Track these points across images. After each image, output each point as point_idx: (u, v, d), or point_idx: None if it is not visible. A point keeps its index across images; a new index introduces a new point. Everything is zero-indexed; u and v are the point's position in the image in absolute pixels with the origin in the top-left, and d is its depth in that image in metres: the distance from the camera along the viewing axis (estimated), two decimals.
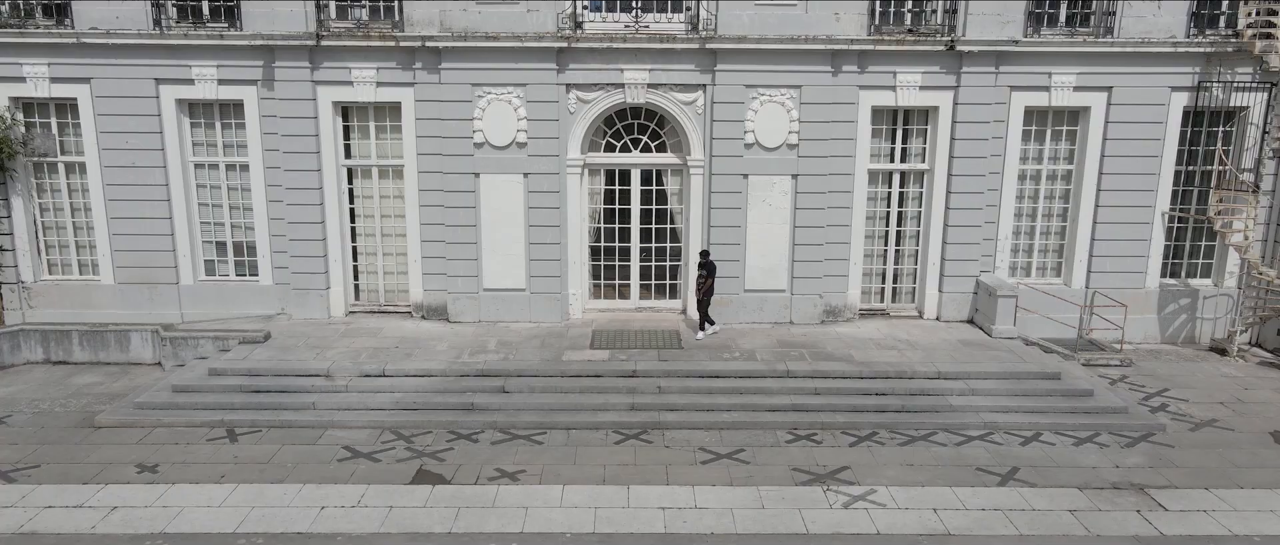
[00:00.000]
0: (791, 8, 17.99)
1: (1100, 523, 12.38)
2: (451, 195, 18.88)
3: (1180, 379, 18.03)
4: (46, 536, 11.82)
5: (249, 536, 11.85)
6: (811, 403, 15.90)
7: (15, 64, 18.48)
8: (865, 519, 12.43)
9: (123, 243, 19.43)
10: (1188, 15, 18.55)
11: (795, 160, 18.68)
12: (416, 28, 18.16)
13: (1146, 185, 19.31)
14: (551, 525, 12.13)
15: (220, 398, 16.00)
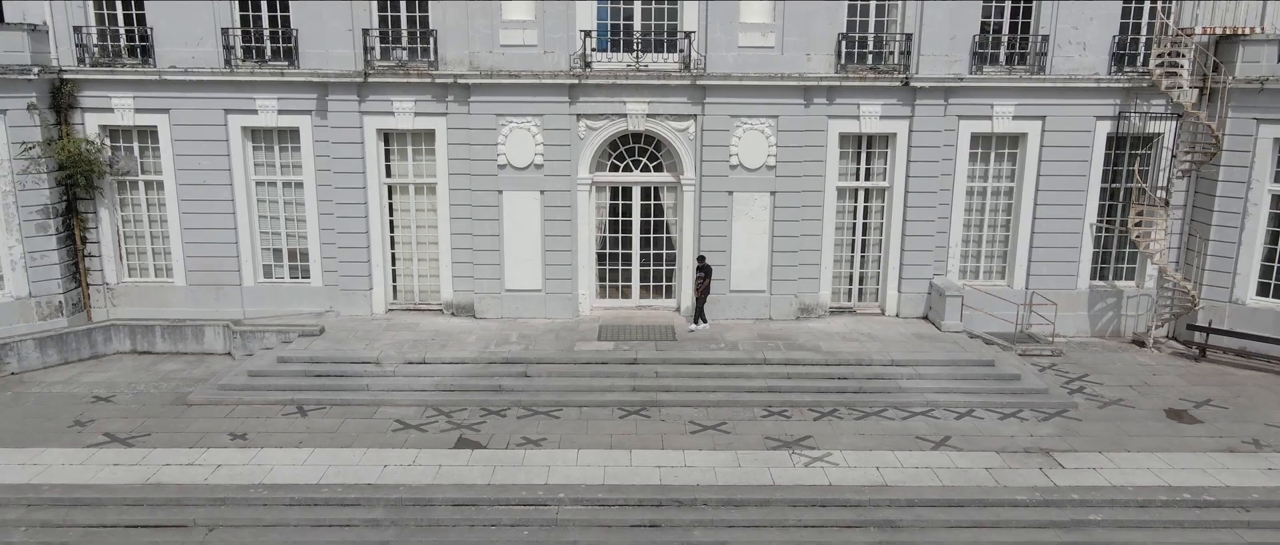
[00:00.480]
0: (769, 50, 21.10)
1: (1008, 477, 15.50)
2: (478, 209, 21.97)
3: (1100, 367, 21.14)
4: (169, 486, 14.93)
5: (330, 487, 14.96)
6: (784, 385, 19.02)
7: (105, 97, 21.57)
8: (821, 475, 15.54)
9: (193, 250, 22.53)
10: (1109, 55, 21.68)
11: (774, 179, 21.79)
12: (449, 67, 21.27)
13: (1076, 200, 22.43)
14: (569, 479, 15.25)
15: (289, 381, 19.12)
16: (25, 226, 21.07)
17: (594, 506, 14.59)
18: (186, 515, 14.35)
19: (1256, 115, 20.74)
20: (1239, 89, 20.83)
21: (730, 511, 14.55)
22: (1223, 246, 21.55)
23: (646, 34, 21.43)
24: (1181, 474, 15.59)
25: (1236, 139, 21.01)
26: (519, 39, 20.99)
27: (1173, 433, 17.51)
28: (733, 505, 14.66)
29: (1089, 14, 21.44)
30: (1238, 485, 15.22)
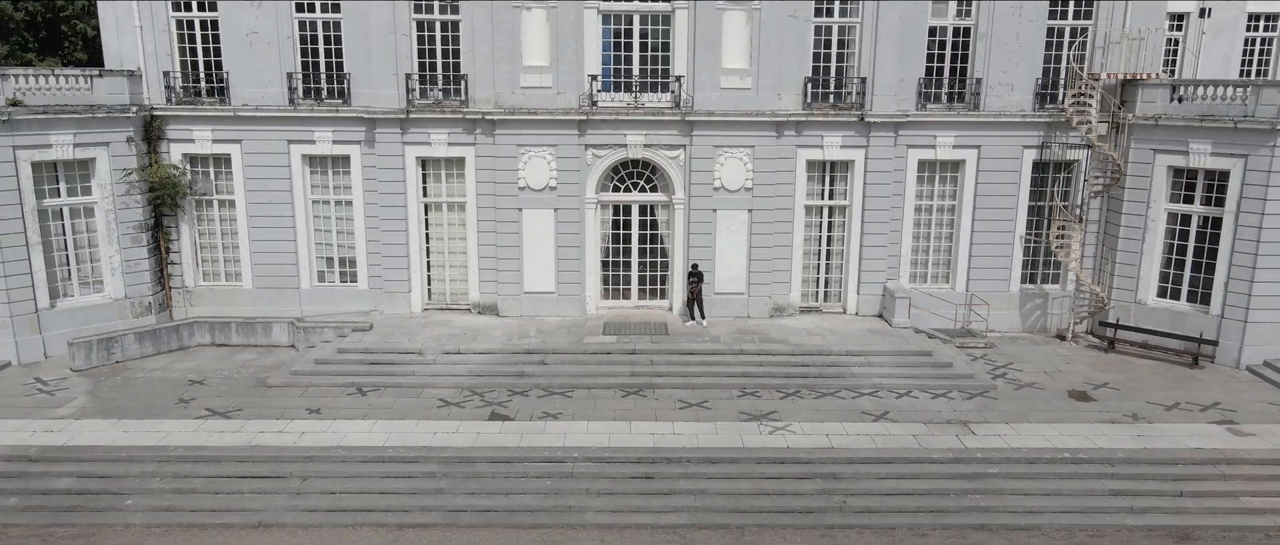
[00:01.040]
0: (747, 91, 25.16)
1: (929, 441, 19.56)
2: (501, 224, 26.01)
3: (1024, 357, 25.18)
4: (267, 448, 18.98)
5: (393, 448, 19.01)
6: (757, 371, 23.08)
7: (187, 130, 25.63)
8: (782, 440, 19.59)
9: (259, 257, 26.58)
10: (1033, 95, 25.76)
11: (751, 199, 25.84)
12: (478, 105, 25.33)
13: (1008, 217, 26.49)
14: (581, 443, 19.29)
15: (348, 367, 23.18)
16: (122, 239, 25.11)
17: (601, 463, 18.64)
18: (283, 470, 18.41)
19: (1154, 146, 24.79)
20: (1139, 124, 24.89)
21: (708, 467, 18.61)
22: (1128, 256, 25.61)
23: (643, 78, 25.49)
24: (1067, 439, 19.65)
25: (1138, 166, 25.07)
26: (536, 82, 25.06)
27: (1070, 409, 21.56)
28: (710, 462, 18.72)
29: (1016, 60, 25.52)
30: (1108, 447, 19.28)
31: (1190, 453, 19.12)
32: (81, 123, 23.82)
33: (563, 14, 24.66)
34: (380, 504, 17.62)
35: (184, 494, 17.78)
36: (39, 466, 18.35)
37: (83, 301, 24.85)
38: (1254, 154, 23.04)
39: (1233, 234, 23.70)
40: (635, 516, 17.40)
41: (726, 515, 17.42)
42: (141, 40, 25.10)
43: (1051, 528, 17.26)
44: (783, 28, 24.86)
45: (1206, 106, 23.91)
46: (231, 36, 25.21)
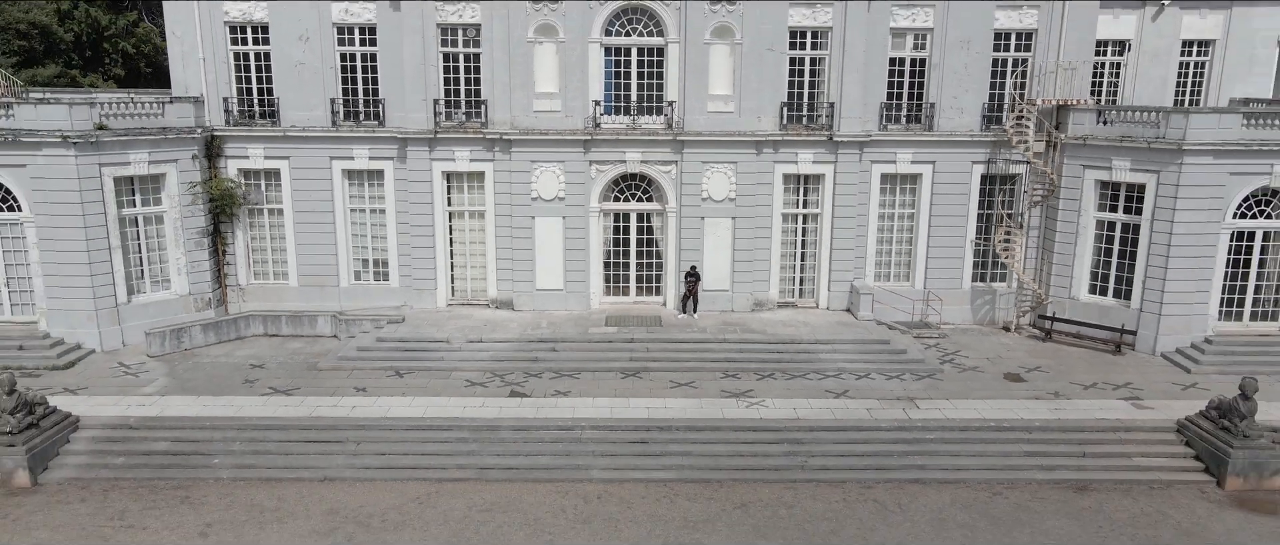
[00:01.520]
0: (730, 114, 28.93)
1: (880, 414, 23.30)
2: (516, 229, 29.77)
3: (971, 345, 28.94)
4: (326, 418, 22.72)
5: (431, 419, 22.75)
6: (737, 356, 26.83)
7: (243, 148, 29.40)
8: (756, 413, 23.34)
9: (304, 259, 30.34)
10: (980, 117, 29.54)
11: (734, 208, 29.60)
12: (496, 127, 29.09)
13: (959, 223, 30.26)
14: (588, 414, 23.03)
15: (386, 353, 26.94)
16: (187, 243, 28.89)
17: (604, 430, 22.39)
18: (340, 435, 22.17)
19: (1083, 163, 28.57)
20: (1070, 144, 28.68)
21: (693, 434, 22.36)
22: (1063, 258, 29.38)
23: (640, 102, 29.26)
24: (996, 412, 23.40)
25: (1070, 180, 28.86)
26: (547, 106, 28.84)
27: (1004, 388, 25.32)
28: (695, 430, 22.48)
29: (965, 87, 29.30)
30: (1029, 418, 23.04)
31: (1096, 422, 22.89)
32: (155, 143, 27.59)
33: (570, 48, 28.44)
34: (422, 462, 21.39)
35: (260, 455, 21.55)
36: (139, 433, 22.11)
37: (154, 297, 28.61)
38: (1165, 170, 26.81)
39: (1149, 238, 27.47)
40: (632, 473, 21.16)
41: (708, 472, 21.19)
42: (204, 71, 28.88)
43: (974, 481, 21.04)
44: (761, 59, 28.64)
45: (1126, 129, 27.69)
46: (282, 67, 29.00)
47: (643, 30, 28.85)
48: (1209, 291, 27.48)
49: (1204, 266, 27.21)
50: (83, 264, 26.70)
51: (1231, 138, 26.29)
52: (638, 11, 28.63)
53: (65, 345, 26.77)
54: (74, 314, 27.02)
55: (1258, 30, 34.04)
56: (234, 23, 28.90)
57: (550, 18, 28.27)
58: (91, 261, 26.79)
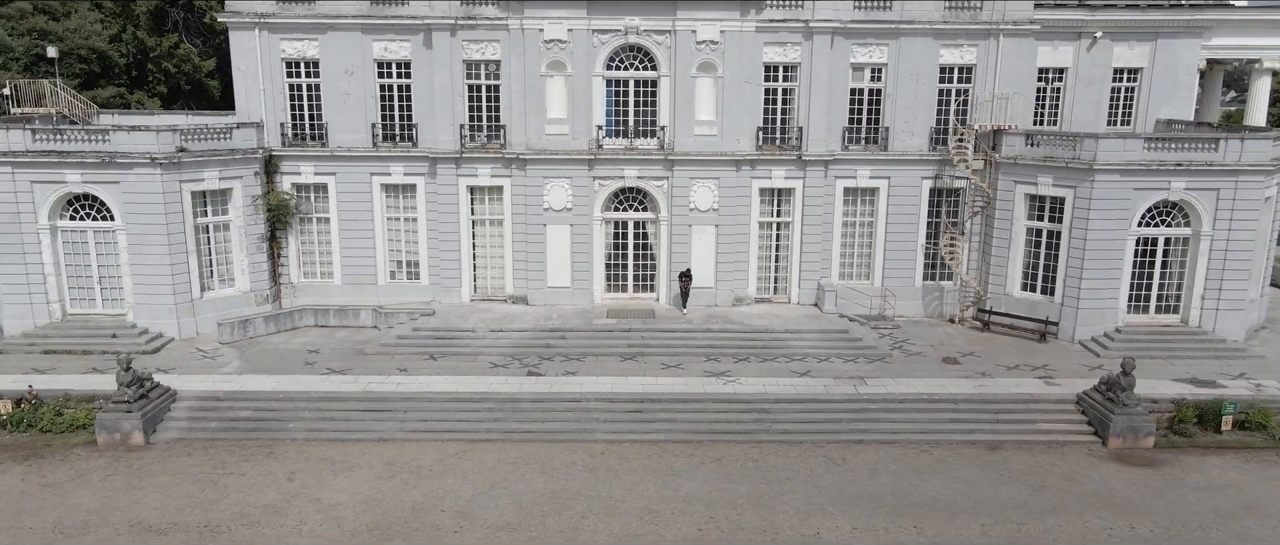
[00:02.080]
0: (713, 136, 33.83)
1: (834, 390, 28.21)
2: (530, 235, 34.65)
3: (919, 335, 33.84)
4: (377, 393, 27.64)
5: (464, 393, 27.67)
6: (719, 343, 31.75)
7: (296, 166, 34.31)
8: (732, 389, 28.26)
9: (347, 260, 35.24)
10: (928, 139, 34.46)
11: (717, 217, 34.49)
12: (513, 148, 33.99)
13: (911, 230, 35.17)
14: (592, 390, 27.94)
15: (421, 341, 31.85)
16: (249, 247, 33.80)
17: (606, 402, 27.30)
18: (391, 406, 27.09)
19: (1014, 179, 33.48)
20: (1004, 163, 33.60)
21: (679, 404, 27.28)
22: (999, 259, 34.29)
23: (637, 127, 34.19)
24: (930, 388, 28.30)
25: (1004, 193, 33.77)
26: (557, 130, 33.76)
27: (941, 369, 30.24)
28: (681, 401, 27.40)
29: (915, 114, 34.23)
30: (956, 393, 27.97)
31: (1011, 396, 27.83)
32: (224, 162, 32.50)
33: (576, 81, 33.37)
34: (458, 427, 26.32)
35: (326, 421, 26.48)
36: (225, 403, 27.05)
37: (221, 293, 33.52)
38: (1080, 185, 31.73)
39: (1068, 243, 32.39)
40: (629, 435, 26.09)
41: (691, 435, 26.12)
42: (264, 100, 33.80)
43: (906, 442, 25.97)
44: (740, 90, 33.57)
45: (1049, 151, 32.61)
46: (330, 96, 33.93)
47: (638, 65, 33.77)
48: (1119, 288, 32.40)
49: (1114, 267, 32.14)
50: (165, 265, 31.61)
51: (1135, 159, 31.22)
52: (634, 49, 33.54)
53: (150, 334, 31.67)
54: (157, 307, 31.93)
55: (1180, 59, 38.85)
56: (290, 59, 33.81)
57: (560, 55, 33.20)
58: (172, 262, 31.68)
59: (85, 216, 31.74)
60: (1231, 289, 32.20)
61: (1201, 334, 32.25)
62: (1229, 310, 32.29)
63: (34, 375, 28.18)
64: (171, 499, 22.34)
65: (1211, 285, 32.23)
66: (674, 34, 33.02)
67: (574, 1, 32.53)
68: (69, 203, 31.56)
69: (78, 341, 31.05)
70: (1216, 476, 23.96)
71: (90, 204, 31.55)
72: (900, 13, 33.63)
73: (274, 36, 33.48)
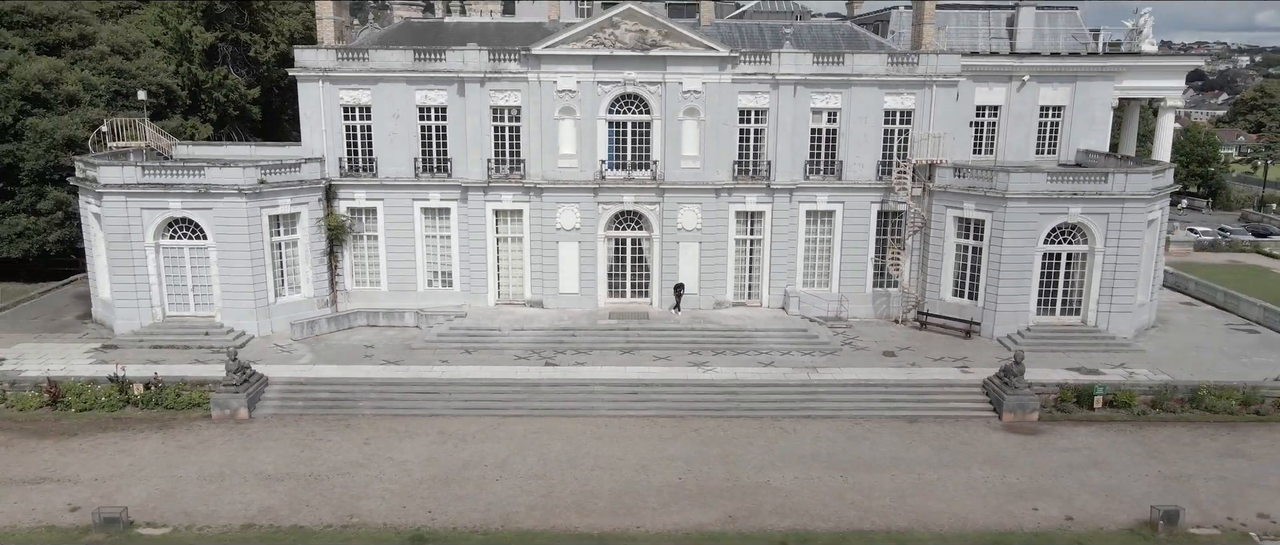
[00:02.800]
0: (698, 168, 40.90)
1: (791, 376, 35.31)
2: (546, 251, 41.69)
3: (868, 333, 40.89)
4: (426, 379, 34.69)
5: (495, 379, 34.75)
6: (700, 340, 38.84)
7: (351, 193, 41.40)
8: (709, 375, 35.35)
9: (392, 271, 42.31)
10: (875, 170, 41.55)
11: (701, 235, 41.56)
12: (531, 178, 41.06)
13: (863, 246, 42.26)
14: (598, 376, 35.00)
15: (457, 338, 38.93)
16: (312, 260, 40.85)
17: (609, 386, 34.37)
18: (438, 389, 34.16)
19: (945, 204, 40.54)
20: (937, 191, 40.66)
21: (667, 387, 34.36)
22: (933, 271, 41.35)
23: (634, 161, 41.26)
24: (869, 375, 35.35)
25: (937, 216, 40.84)
26: (567, 164, 40.84)
27: (880, 361, 37.30)
28: (668, 385, 34.49)
29: (864, 149, 41.31)
30: (888, 379, 35.04)
31: (932, 381, 34.91)
32: (295, 191, 39.57)
33: (584, 123, 40.45)
34: (492, 405, 33.38)
35: (388, 401, 33.53)
36: (307, 387, 34.10)
37: (290, 298, 40.57)
38: (996, 210, 38.80)
39: (987, 258, 39.45)
40: (627, 411, 33.13)
41: (675, 410, 33.16)
42: (325, 139, 40.88)
43: (845, 417, 33.00)
44: (719, 130, 40.65)
45: (972, 182, 39.69)
46: (380, 135, 41.01)
47: (635, 110, 40.86)
48: (1029, 295, 39.48)
49: (1025, 277, 39.22)
50: (247, 275, 38.67)
51: (1039, 189, 38.31)
52: (631, 97, 40.63)
53: (235, 332, 38.72)
54: (240, 310, 38.98)
55: (1095, 99, 46.08)
56: (347, 105, 40.91)
57: (570, 102, 40.29)
58: (253, 273, 38.73)
59: (183, 236, 38.79)
60: (1121, 295, 39.27)
61: (1096, 332, 39.33)
62: (1119, 313, 39.36)
63: (149, 366, 35.18)
64: (279, 457, 29.43)
65: (1104, 292, 39.31)
66: (664, 85, 40.13)
67: (582, 60, 39.65)
68: (170, 225, 38.58)
69: (177, 338, 38.11)
70: (1079, 441, 31.05)
71: (187, 226, 38.58)
72: (851, 66, 40.74)
73: (334, 87, 40.59)
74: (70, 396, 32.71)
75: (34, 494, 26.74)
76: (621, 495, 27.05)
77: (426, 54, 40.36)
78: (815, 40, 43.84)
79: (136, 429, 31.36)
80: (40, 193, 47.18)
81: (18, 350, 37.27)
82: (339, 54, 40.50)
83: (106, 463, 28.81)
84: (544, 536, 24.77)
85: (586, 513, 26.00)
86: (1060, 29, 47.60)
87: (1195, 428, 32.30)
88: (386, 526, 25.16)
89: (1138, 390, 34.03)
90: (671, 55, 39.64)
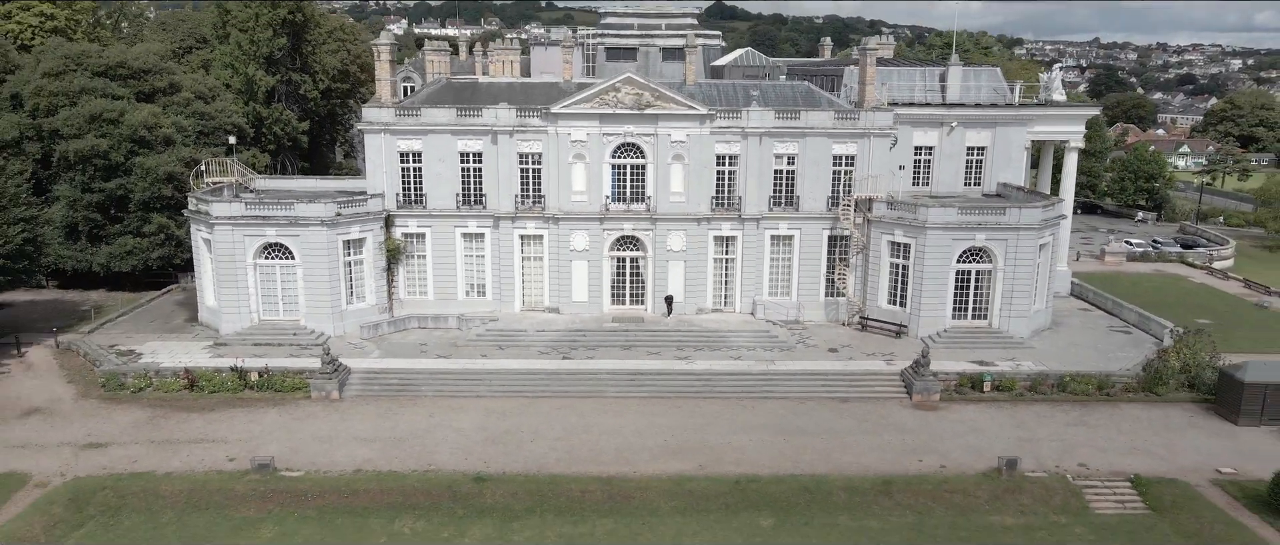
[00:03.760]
0: (683, 202, 51.17)
1: (754, 367, 45.59)
2: (561, 267, 51.94)
3: (820, 335, 51.07)
4: (471, 370, 44.98)
5: (524, 370, 45.04)
6: (684, 339, 49.13)
7: (405, 220, 51.69)
8: (690, 366, 45.64)
9: (437, 283, 52.59)
10: (826, 203, 51.81)
11: (685, 255, 51.82)
12: (550, 210, 51.32)
13: (816, 263, 52.53)
14: (604, 368, 45.31)
15: (491, 338, 49.21)
16: (374, 275, 51.08)
17: (613, 375, 44.65)
18: (481, 377, 44.46)
19: (881, 231, 50.78)
20: (874, 220, 50.92)
21: (657, 376, 44.66)
22: (872, 284, 51.61)
23: (632, 196, 51.50)
24: (815, 366, 45.63)
25: (875, 241, 51.08)
26: (579, 198, 51.12)
27: (825, 356, 47.55)
28: (658, 374, 44.80)
29: (817, 185, 51.55)
30: (829, 369, 45.33)
31: (861, 370, 45.19)
32: (362, 221, 49.84)
33: (592, 166, 50.74)
34: (523, 390, 43.65)
35: (444, 385, 43.79)
36: (380, 375, 44.37)
37: (357, 306, 50.82)
38: (918, 237, 49.07)
39: (913, 273, 49.71)
40: (627, 394, 43.39)
41: (664, 393, 43.41)
42: (385, 176, 51.17)
43: (793, 398, 43.25)
44: (700, 172, 50.93)
45: (900, 214, 49.95)
46: (429, 174, 51.30)
47: (633, 156, 51.14)
48: (945, 303, 49.71)
49: (942, 289, 49.47)
50: (326, 287, 48.94)
51: (951, 220, 48.58)
52: (630, 145, 50.91)
53: (316, 333, 48.96)
54: (320, 315, 49.25)
55: (1012, 141, 56.37)
56: (403, 151, 51.20)
57: (581, 150, 50.59)
58: (330, 286, 48.99)
59: (275, 257, 49.04)
60: (1019, 304, 49.50)
61: (999, 333, 49.59)
62: (1017, 317, 49.61)
63: (255, 359, 45.37)
64: (368, 425, 39.67)
65: (1006, 301, 49.55)
66: (656, 136, 50.44)
67: (590, 117, 49.99)
68: (265, 248, 48.82)
69: (270, 337, 48.37)
70: (966, 416, 41.32)
71: (279, 248, 48.84)
72: (805, 121, 51.01)
73: (393, 137, 50.88)
74: (202, 381, 42.97)
75: (198, 450, 37.02)
76: (622, 451, 37.32)
77: (466, 111, 50.66)
78: (778, 98, 54.01)
79: (257, 406, 41.63)
80: (145, 218, 57.35)
81: (150, 346, 47.59)
82: (397, 111, 50.80)
83: (242, 429, 39.08)
84: (567, 477, 35.02)
85: (597, 463, 36.25)
86: (983, 84, 57.83)
87: (1056, 405, 42.60)
88: (455, 471, 35.42)
89: (1018, 378, 44.28)
90: (662, 113, 49.96)
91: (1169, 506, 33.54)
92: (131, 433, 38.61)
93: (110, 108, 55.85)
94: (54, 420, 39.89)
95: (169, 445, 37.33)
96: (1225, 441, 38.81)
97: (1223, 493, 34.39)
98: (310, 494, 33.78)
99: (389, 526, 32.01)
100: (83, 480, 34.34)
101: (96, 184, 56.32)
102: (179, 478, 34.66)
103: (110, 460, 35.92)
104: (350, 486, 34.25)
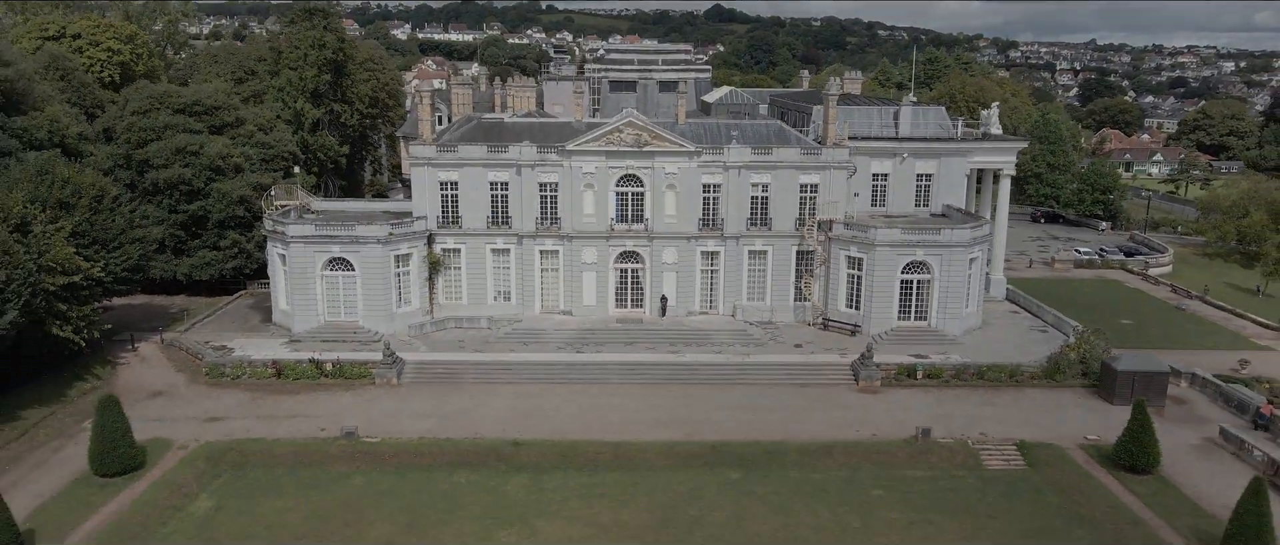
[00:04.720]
0: (675, 223, 61.60)
1: (732, 359, 56.06)
2: (574, 277, 62.35)
3: (788, 333, 61.47)
4: (504, 361, 55.48)
5: (545, 361, 55.52)
6: (676, 337, 59.61)
7: (444, 239, 62.15)
8: (679, 359, 56.10)
9: (470, 290, 63.02)
10: (794, 224, 62.22)
11: (677, 267, 62.25)
12: (564, 230, 61.75)
13: (786, 273, 62.91)
14: (610, 360, 55.75)
15: (517, 336, 59.68)
16: (418, 283, 61.46)
17: (617, 365, 55.10)
18: (511, 367, 54.95)
19: (839, 247, 61.12)
20: (834, 238, 61.33)
21: (653, 366, 55.14)
22: (834, 290, 61.98)
23: (633, 218, 61.94)
24: (781, 359, 56.08)
25: (835, 256, 61.49)
26: (589, 219, 61.57)
27: (791, 350, 58.01)
28: (654, 365, 55.27)
29: (786, 210, 61.96)
30: (792, 361, 55.79)
31: (819, 362, 55.66)
32: (410, 239, 60.32)
33: (599, 192, 61.20)
34: (545, 377, 54.10)
35: (484, 374, 54.24)
36: (429, 365, 54.82)
37: (405, 309, 61.26)
38: (869, 253, 59.48)
39: (865, 282, 60.13)
40: (629, 381, 53.83)
41: (658, 381, 53.86)
42: (428, 201, 61.64)
43: (762, 384, 53.68)
44: (691, 196, 61.40)
45: (855, 233, 60.33)
46: (465, 199, 61.77)
47: (633, 184, 61.61)
48: (892, 306, 60.11)
49: (889, 295, 59.92)
50: (380, 294, 59.41)
51: (896, 239, 59.02)
52: (631, 176, 61.39)
53: (372, 332, 59.39)
54: (375, 317, 59.72)
55: (955, 169, 66.84)
56: (442, 181, 61.66)
57: (590, 179, 61.08)
58: (383, 293, 59.46)
59: (337, 269, 59.50)
60: (953, 307, 59.92)
61: (936, 331, 60.02)
62: (951, 319, 60.03)
63: (326, 353, 55.72)
64: (423, 404, 50.13)
65: (942, 305, 59.95)
66: (653, 168, 60.92)
67: (598, 153, 60.51)
68: (330, 261, 59.27)
69: (335, 335, 58.83)
70: (899, 398, 51.73)
71: (341, 262, 59.30)
72: (777, 156, 61.47)
73: (434, 169, 61.36)
74: (287, 370, 53.41)
75: (294, 422, 47.50)
76: (626, 423, 47.79)
77: (495, 147, 61.14)
78: (755, 136, 64.33)
79: (332, 390, 52.10)
80: (221, 235, 67.81)
81: (237, 342, 58.09)
82: (438, 148, 61.26)
83: (324, 407, 49.55)
84: (584, 443, 45.44)
85: (606, 432, 46.69)
86: (930, 120, 68.24)
87: (974, 389, 53.03)
88: (496, 438, 45.84)
89: (946, 367, 54.67)
90: (658, 150, 60.47)
91: (1042, 463, 43.96)
92: (239, 410, 49.08)
93: (192, 141, 66.28)
94: (175, 401, 50.38)
95: (271, 419, 47.81)
96: (1099, 417, 49.23)
97: (1084, 453, 44.83)
98: (387, 454, 44.22)
99: (449, 477, 42.46)
100: (212, 444, 44.79)
101: (181, 206, 66.76)
102: (285, 442, 45.11)
103: (229, 430, 46.39)
104: (416, 449, 44.69)
